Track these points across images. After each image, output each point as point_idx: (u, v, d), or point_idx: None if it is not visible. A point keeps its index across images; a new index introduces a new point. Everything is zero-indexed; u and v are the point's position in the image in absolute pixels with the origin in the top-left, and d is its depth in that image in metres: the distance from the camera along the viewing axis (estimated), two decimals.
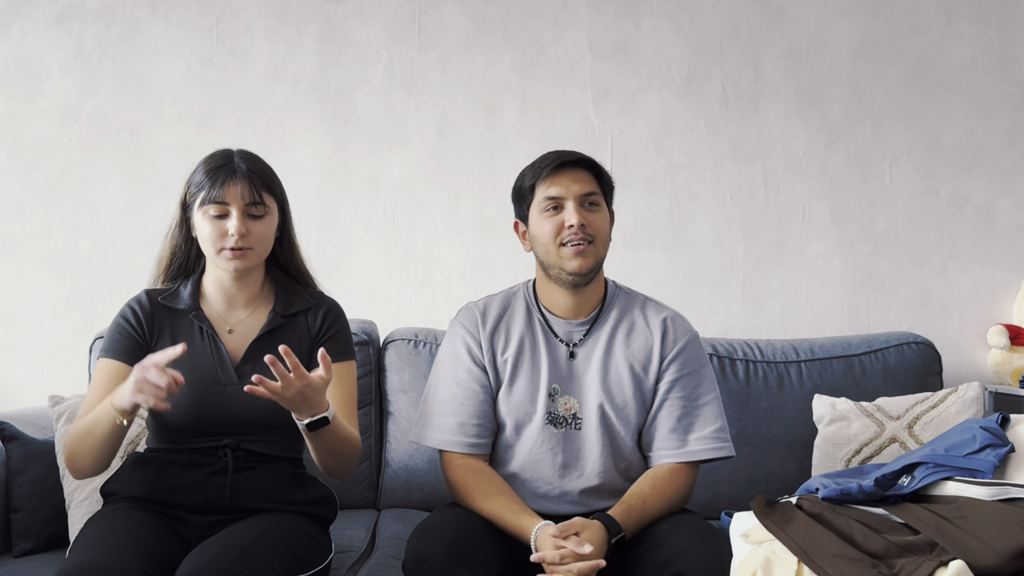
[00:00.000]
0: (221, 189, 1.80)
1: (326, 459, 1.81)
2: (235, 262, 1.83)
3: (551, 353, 1.97)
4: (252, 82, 2.78)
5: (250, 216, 1.83)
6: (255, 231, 1.83)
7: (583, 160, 1.96)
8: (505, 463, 1.97)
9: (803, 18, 2.84)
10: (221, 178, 1.81)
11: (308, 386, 1.65)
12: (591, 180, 1.95)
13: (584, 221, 1.90)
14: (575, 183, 1.92)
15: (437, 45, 2.81)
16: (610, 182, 2.01)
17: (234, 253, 1.82)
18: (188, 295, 1.90)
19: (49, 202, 2.75)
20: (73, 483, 2.04)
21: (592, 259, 1.93)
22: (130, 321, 1.88)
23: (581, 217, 1.90)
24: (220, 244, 1.82)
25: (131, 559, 1.61)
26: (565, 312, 1.99)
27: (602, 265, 1.99)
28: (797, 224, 2.83)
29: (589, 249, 1.91)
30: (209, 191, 1.81)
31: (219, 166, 1.84)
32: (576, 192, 1.92)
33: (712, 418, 1.94)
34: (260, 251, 1.86)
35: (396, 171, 2.80)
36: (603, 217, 1.95)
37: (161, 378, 1.62)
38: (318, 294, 1.99)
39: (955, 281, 2.83)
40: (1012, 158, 2.84)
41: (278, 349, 1.63)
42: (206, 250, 1.85)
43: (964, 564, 1.50)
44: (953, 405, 2.28)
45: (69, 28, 2.76)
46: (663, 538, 1.76)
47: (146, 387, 1.62)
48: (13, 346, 2.74)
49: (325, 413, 1.70)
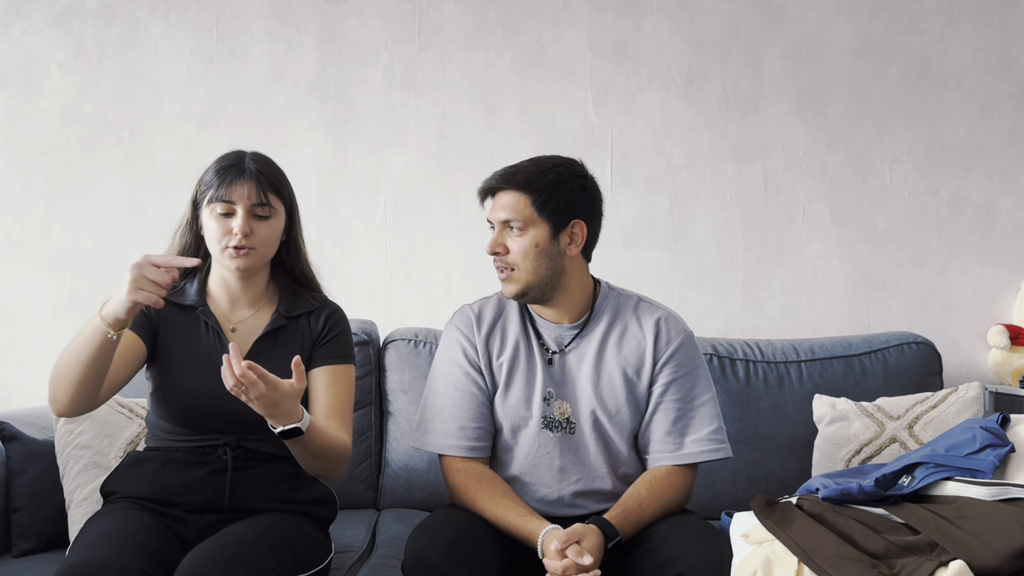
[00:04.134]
0: (228, 188, 1.81)
1: (308, 463, 1.80)
2: (237, 260, 1.83)
3: (544, 358, 1.97)
4: (252, 82, 2.78)
5: (256, 216, 1.83)
6: (259, 231, 1.83)
7: (512, 182, 1.88)
8: (505, 466, 1.97)
9: (803, 18, 2.84)
10: (229, 177, 1.82)
11: (276, 391, 1.60)
12: (516, 203, 1.87)
13: (500, 248, 1.89)
14: (499, 209, 1.90)
15: (437, 45, 2.81)
16: (561, 194, 1.87)
17: (237, 252, 1.82)
18: (195, 292, 1.90)
19: (49, 202, 2.75)
20: (73, 483, 2.04)
21: (515, 285, 1.90)
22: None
23: (495, 245, 1.89)
24: (224, 242, 1.82)
25: (131, 559, 1.61)
26: (551, 317, 1.98)
27: (546, 283, 1.90)
28: (797, 224, 2.83)
29: (512, 276, 1.90)
30: (217, 190, 1.82)
31: (229, 165, 1.85)
32: (498, 218, 1.90)
33: (708, 419, 1.94)
34: (263, 252, 1.86)
35: (396, 171, 2.80)
36: (521, 242, 1.87)
37: (160, 274, 1.58)
38: (322, 298, 1.98)
39: (955, 281, 2.83)
40: (1012, 158, 2.84)
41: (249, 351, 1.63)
42: (211, 248, 1.85)
43: (964, 564, 1.50)
44: (953, 405, 2.28)
45: (69, 28, 2.76)
46: (663, 539, 1.76)
47: (145, 283, 1.59)
48: (13, 346, 2.74)
49: (298, 423, 1.67)
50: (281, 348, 1.89)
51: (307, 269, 1.98)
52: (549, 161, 1.92)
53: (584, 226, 1.91)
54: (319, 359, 1.91)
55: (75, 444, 2.06)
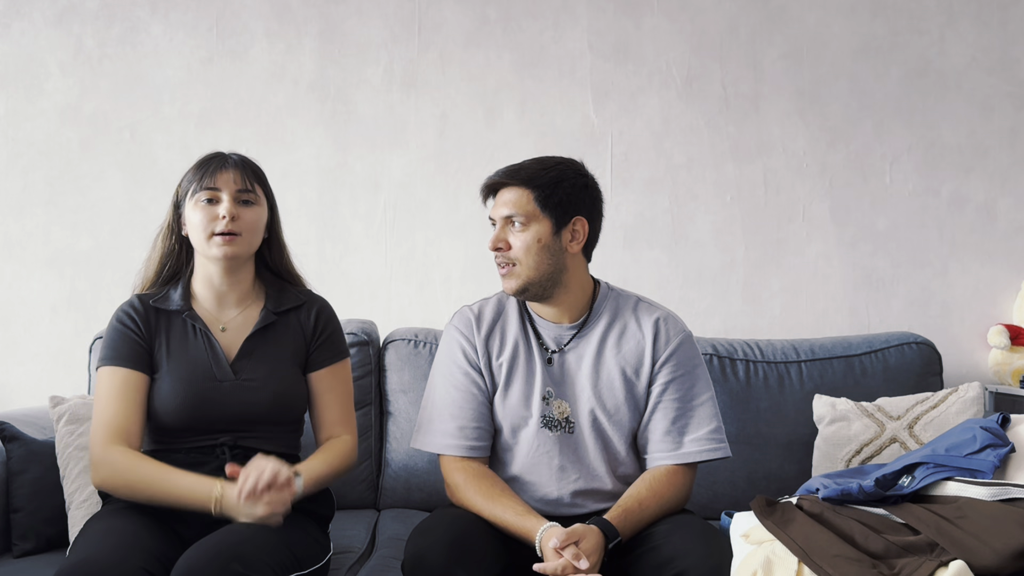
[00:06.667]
0: (213, 176, 1.84)
1: (321, 487, 1.87)
2: (225, 248, 1.83)
3: (544, 357, 1.97)
4: (252, 82, 2.78)
5: (241, 202, 1.86)
6: (245, 217, 1.85)
7: (516, 178, 1.91)
8: (504, 466, 1.97)
9: (803, 18, 2.84)
10: (212, 167, 1.86)
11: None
12: (519, 199, 1.89)
13: (502, 244, 1.91)
14: (502, 205, 1.92)
15: (437, 45, 2.81)
16: (564, 190, 1.89)
17: (224, 239, 1.83)
18: (179, 296, 1.90)
19: (49, 202, 2.75)
20: (73, 484, 2.03)
21: (516, 281, 1.91)
22: (128, 325, 1.88)
23: (497, 240, 1.91)
24: (211, 228, 1.83)
25: (131, 558, 1.61)
26: (551, 316, 1.98)
27: (547, 280, 1.91)
28: (797, 224, 2.83)
29: (512, 271, 1.91)
30: (201, 180, 1.84)
31: (210, 158, 1.89)
32: (501, 215, 1.92)
33: (707, 419, 1.94)
34: (249, 240, 1.87)
35: (396, 171, 2.80)
36: (523, 238, 1.89)
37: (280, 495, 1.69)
38: (307, 292, 2.01)
39: (955, 281, 2.83)
40: (1012, 158, 2.84)
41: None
42: (197, 239, 1.86)
43: (964, 564, 1.50)
44: (953, 405, 2.28)
45: (69, 28, 2.76)
46: (663, 539, 1.76)
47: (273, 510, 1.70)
48: (13, 346, 2.74)
49: (293, 496, 1.74)
50: (271, 344, 1.91)
51: (291, 266, 2.01)
52: (552, 159, 1.95)
53: (586, 223, 1.93)
54: (318, 361, 1.94)
55: (75, 445, 2.06)
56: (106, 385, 1.83)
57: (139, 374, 1.84)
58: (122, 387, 1.82)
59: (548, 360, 1.96)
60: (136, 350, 1.85)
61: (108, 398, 1.82)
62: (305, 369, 1.94)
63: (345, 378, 1.97)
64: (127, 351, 1.85)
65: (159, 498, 1.74)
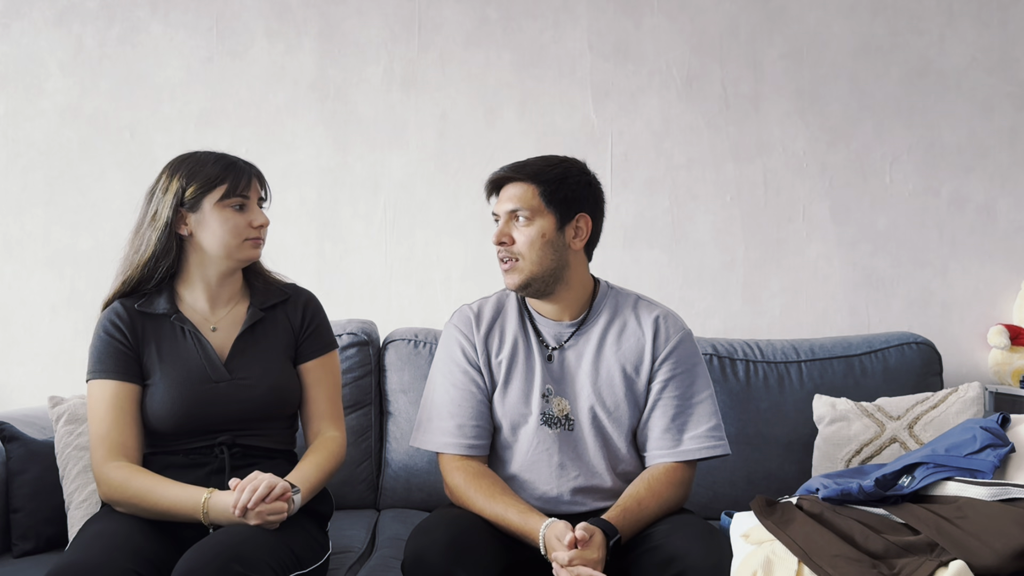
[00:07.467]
0: (247, 183, 1.87)
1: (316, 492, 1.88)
2: (254, 252, 1.90)
3: (544, 354, 1.97)
4: (252, 82, 2.78)
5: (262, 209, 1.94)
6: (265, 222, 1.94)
7: (522, 173, 1.92)
8: (504, 464, 1.98)
9: (803, 18, 2.84)
10: (235, 173, 1.87)
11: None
12: (524, 194, 1.91)
13: (506, 238, 1.91)
14: (507, 200, 1.93)
15: (437, 45, 2.81)
16: (569, 186, 1.91)
17: (256, 242, 1.90)
18: (165, 300, 1.89)
19: (49, 202, 2.75)
20: (73, 484, 2.03)
21: (519, 275, 1.92)
22: (113, 335, 1.86)
23: (502, 235, 1.92)
24: (246, 234, 1.87)
25: (122, 560, 1.61)
26: (551, 314, 1.99)
27: (549, 275, 1.92)
28: (797, 224, 2.83)
29: (515, 266, 1.92)
30: (232, 185, 1.85)
31: (231, 163, 1.89)
32: (505, 209, 1.93)
33: (706, 416, 1.94)
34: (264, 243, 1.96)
35: (396, 171, 2.80)
36: (527, 232, 1.90)
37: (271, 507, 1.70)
38: (290, 285, 2.02)
39: (955, 281, 2.83)
40: (1012, 158, 2.84)
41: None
42: (223, 243, 1.86)
43: (964, 564, 1.50)
44: (953, 405, 2.28)
45: (69, 28, 2.76)
46: (663, 538, 1.76)
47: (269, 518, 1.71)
48: (13, 346, 2.74)
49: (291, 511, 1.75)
50: (262, 340, 1.92)
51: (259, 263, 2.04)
52: (557, 157, 1.98)
53: (589, 220, 1.95)
54: (307, 353, 1.96)
55: (75, 445, 2.06)
56: (97, 399, 1.83)
57: (130, 385, 1.84)
58: (113, 400, 1.82)
59: (548, 357, 1.97)
60: (124, 360, 1.85)
61: (101, 413, 1.82)
62: (295, 361, 1.96)
63: (333, 369, 1.99)
64: (115, 363, 1.84)
65: (153, 511, 1.76)
